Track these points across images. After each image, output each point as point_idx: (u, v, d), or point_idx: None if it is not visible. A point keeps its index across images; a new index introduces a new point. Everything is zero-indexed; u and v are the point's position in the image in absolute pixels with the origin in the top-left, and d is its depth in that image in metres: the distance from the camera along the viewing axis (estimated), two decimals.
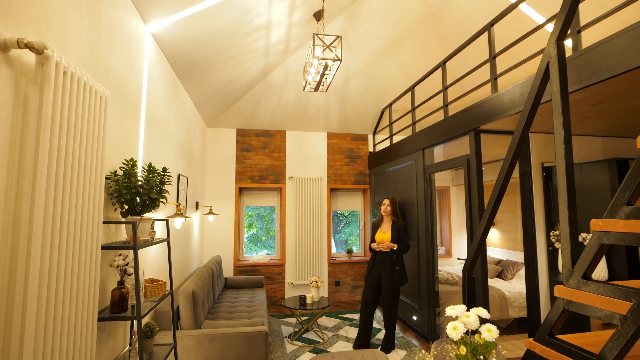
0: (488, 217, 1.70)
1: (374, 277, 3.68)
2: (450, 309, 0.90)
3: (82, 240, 1.45)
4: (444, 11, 4.34)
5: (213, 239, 5.25)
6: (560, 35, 1.33)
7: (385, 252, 3.68)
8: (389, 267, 3.63)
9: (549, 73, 1.35)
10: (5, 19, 1.13)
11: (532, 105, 1.45)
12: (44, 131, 1.20)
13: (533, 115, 1.48)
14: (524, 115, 1.49)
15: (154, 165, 2.06)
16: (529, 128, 1.51)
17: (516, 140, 1.53)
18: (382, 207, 3.89)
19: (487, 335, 0.76)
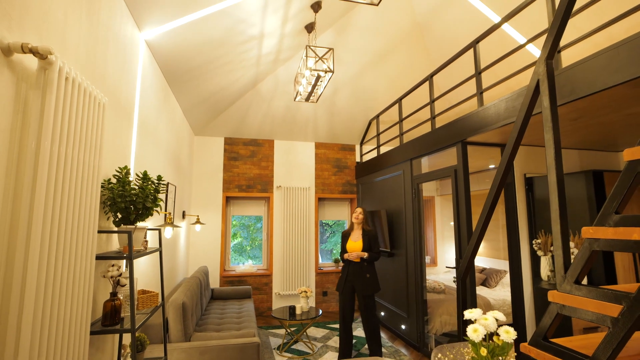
0: (482, 225, 1.76)
1: (348, 287, 3.62)
2: (468, 313, 0.94)
3: (77, 250, 1.41)
4: (430, 27, 4.51)
5: (199, 249, 5.14)
6: (549, 55, 1.42)
7: (358, 262, 3.62)
8: (361, 276, 3.60)
9: (540, 90, 1.44)
10: (8, 23, 1.11)
11: (524, 120, 1.54)
12: (44, 138, 1.17)
13: (524, 129, 1.56)
14: (516, 129, 1.57)
15: (148, 174, 2.03)
16: (521, 141, 1.59)
17: (509, 151, 1.61)
18: (354, 215, 3.82)
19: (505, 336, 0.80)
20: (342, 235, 3.90)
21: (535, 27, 3.51)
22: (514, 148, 1.60)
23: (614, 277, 3.14)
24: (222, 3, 2.70)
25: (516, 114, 2.64)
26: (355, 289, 3.56)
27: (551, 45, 1.41)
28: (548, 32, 1.42)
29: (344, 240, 3.84)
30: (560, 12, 1.37)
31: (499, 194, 1.71)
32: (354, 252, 3.63)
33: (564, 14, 1.36)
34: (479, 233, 1.81)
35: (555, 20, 1.39)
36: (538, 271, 3.54)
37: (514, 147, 1.60)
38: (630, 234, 1.09)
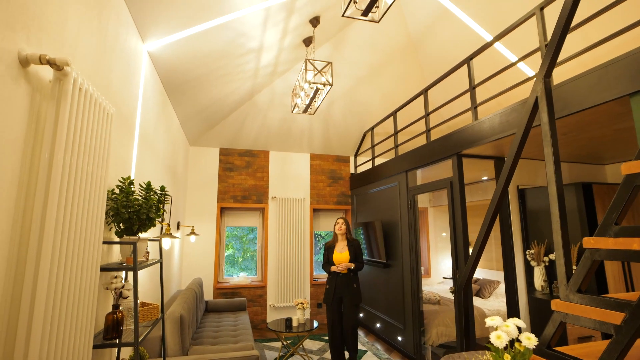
0: (483, 236, 1.80)
1: (337, 298, 3.67)
2: (490, 320, 0.96)
3: (84, 261, 1.39)
4: (423, 43, 4.65)
5: (193, 260, 5.06)
6: (546, 73, 1.49)
7: (345, 274, 3.66)
8: (348, 287, 3.64)
9: (538, 106, 1.51)
10: (27, 35, 1.13)
11: (523, 135, 1.60)
12: (58, 150, 1.17)
13: (524, 143, 1.62)
14: (515, 144, 1.63)
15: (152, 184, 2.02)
16: (520, 155, 1.65)
17: (509, 165, 1.66)
18: (337, 227, 3.86)
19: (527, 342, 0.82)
20: (326, 247, 3.90)
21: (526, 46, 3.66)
22: (513, 162, 1.66)
23: (605, 286, 3.22)
24: (225, 17, 2.75)
25: (510, 128, 2.74)
26: (344, 299, 3.63)
27: (549, 64, 1.48)
28: (546, 51, 1.50)
29: (328, 252, 3.84)
30: (557, 33, 1.45)
31: (499, 207, 1.76)
32: (342, 263, 3.67)
33: (560, 34, 1.44)
34: (480, 245, 1.85)
35: (553, 40, 1.47)
36: (532, 281, 3.61)
37: (514, 161, 1.66)
38: (630, 244, 1.14)
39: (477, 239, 1.87)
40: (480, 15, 3.86)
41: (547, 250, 3.61)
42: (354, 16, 2.32)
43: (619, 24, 2.41)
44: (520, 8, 3.45)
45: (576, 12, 1.42)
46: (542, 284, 3.50)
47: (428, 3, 4.04)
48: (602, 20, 2.44)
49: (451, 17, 4.07)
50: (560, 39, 1.44)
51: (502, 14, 3.67)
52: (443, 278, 5.58)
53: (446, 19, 4.13)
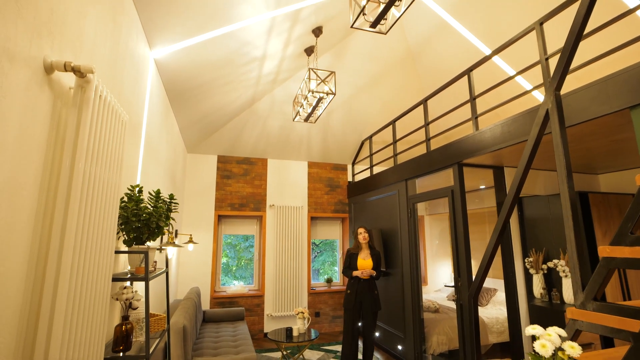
0: (494, 243, 1.83)
1: (357, 304, 3.75)
2: (531, 329, 0.97)
3: (98, 270, 1.36)
4: (422, 54, 4.74)
5: (189, 269, 4.98)
6: (557, 87, 1.54)
7: (367, 279, 3.83)
8: (370, 293, 3.79)
9: (550, 118, 1.55)
10: (52, 42, 1.12)
11: (534, 146, 1.64)
12: (79, 158, 1.15)
13: (534, 154, 1.66)
14: (526, 154, 1.66)
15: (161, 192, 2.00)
16: (530, 166, 1.69)
17: (519, 174, 1.70)
18: (360, 237, 4.02)
19: (571, 351, 0.83)
20: (349, 253, 4.04)
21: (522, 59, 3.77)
22: (524, 173, 1.69)
23: (603, 294, 3.28)
24: (232, 25, 2.77)
25: (512, 138, 2.80)
26: (363, 306, 3.73)
27: (559, 77, 1.53)
28: (556, 64, 1.54)
29: (351, 259, 3.97)
30: (568, 47, 1.50)
31: (509, 216, 1.79)
32: (366, 269, 3.81)
33: (571, 48, 1.49)
34: (490, 254, 1.87)
35: (564, 53, 1.52)
36: (531, 289, 3.65)
37: (524, 172, 1.69)
38: None
39: (487, 248, 1.89)
40: (478, 28, 3.97)
41: (545, 258, 3.66)
42: (362, 27, 2.36)
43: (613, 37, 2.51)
44: (516, 22, 3.56)
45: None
46: (542, 292, 3.54)
47: (427, 15, 4.13)
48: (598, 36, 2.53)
49: (449, 30, 4.16)
50: (571, 53, 1.49)
51: (499, 27, 3.78)
52: (445, 286, 5.59)
53: (445, 31, 4.23)
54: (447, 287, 6.05)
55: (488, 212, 5.78)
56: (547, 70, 2.62)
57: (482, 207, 5.71)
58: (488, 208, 5.55)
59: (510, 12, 3.59)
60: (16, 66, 0.94)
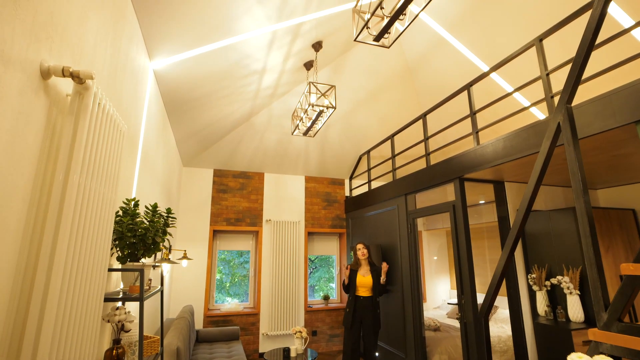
0: (505, 260, 1.76)
1: (356, 322, 3.67)
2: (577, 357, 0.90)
3: (90, 291, 1.26)
4: (419, 69, 4.79)
5: (183, 286, 4.80)
6: (568, 100, 1.52)
7: (367, 297, 3.76)
8: (371, 311, 3.68)
9: (562, 131, 1.52)
10: (50, 46, 1.05)
11: (545, 160, 1.60)
12: (74, 171, 1.07)
13: (546, 167, 1.62)
14: (538, 168, 1.62)
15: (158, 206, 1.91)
16: (542, 180, 1.64)
17: (530, 189, 1.65)
18: (359, 252, 3.98)
19: None
20: (349, 270, 3.93)
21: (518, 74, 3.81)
22: (535, 187, 1.65)
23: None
24: (233, 38, 2.75)
25: (515, 153, 2.78)
26: (363, 324, 3.61)
27: (571, 90, 1.51)
28: (567, 76, 1.53)
29: (351, 275, 3.90)
30: (579, 61, 1.48)
31: (521, 231, 1.73)
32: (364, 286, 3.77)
33: (582, 61, 1.47)
34: (502, 271, 1.80)
35: (575, 66, 1.50)
36: (535, 306, 3.56)
37: (536, 186, 1.64)
38: None
39: (498, 265, 1.83)
40: (475, 45, 4.02)
41: (548, 274, 3.60)
42: (366, 41, 2.35)
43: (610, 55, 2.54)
44: (513, 39, 3.62)
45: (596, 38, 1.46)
46: (546, 309, 3.46)
47: (425, 32, 4.19)
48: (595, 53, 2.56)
49: (447, 46, 4.22)
50: (582, 65, 1.47)
51: (495, 44, 3.83)
52: (448, 304, 5.47)
53: (442, 47, 4.28)
54: (446, 305, 5.93)
55: (486, 228, 5.74)
56: (549, 85, 2.64)
57: (480, 222, 5.66)
58: (486, 223, 5.51)
59: (506, 29, 3.65)
60: (10, 69, 0.87)
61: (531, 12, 3.35)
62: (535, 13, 3.34)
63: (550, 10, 3.20)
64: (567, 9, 2.95)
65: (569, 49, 3.32)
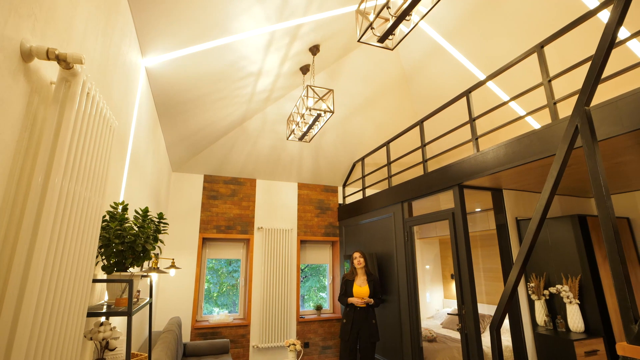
0: (519, 269, 1.68)
1: (354, 333, 3.54)
2: None
3: (70, 305, 1.11)
4: (416, 76, 4.77)
5: (170, 296, 4.58)
6: (586, 102, 1.46)
7: (363, 307, 3.64)
8: (367, 322, 3.60)
9: (580, 132, 1.46)
10: (32, 24, 0.93)
11: (562, 164, 1.54)
12: (56, 171, 0.93)
13: (562, 172, 1.55)
14: (554, 173, 1.56)
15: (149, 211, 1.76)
16: (558, 184, 1.58)
17: (546, 196, 1.58)
18: (356, 261, 3.87)
19: None
20: (345, 279, 3.82)
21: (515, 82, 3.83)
22: (551, 193, 1.58)
23: (609, 322, 3.17)
24: (230, 37, 2.64)
25: (516, 160, 2.73)
26: (360, 336, 3.51)
27: (589, 92, 1.45)
28: (584, 80, 1.47)
29: (347, 285, 3.77)
30: (598, 62, 1.43)
31: (535, 241, 1.66)
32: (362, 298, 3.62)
33: (601, 62, 1.42)
34: (514, 282, 1.72)
35: (593, 68, 1.45)
36: (534, 316, 3.51)
37: (551, 192, 1.58)
38: None
39: (510, 275, 1.74)
40: (471, 52, 4.03)
41: (546, 283, 3.56)
42: (370, 42, 2.28)
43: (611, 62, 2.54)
44: (509, 46, 3.63)
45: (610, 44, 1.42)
46: (545, 319, 3.41)
47: (422, 39, 4.18)
48: None
49: (443, 53, 4.21)
50: (602, 66, 1.42)
51: (492, 52, 3.84)
52: (448, 314, 5.37)
53: (438, 55, 4.27)
54: (440, 314, 5.84)
55: (480, 236, 5.71)
56: (551, 92, 2.61)
57: (473, 230, 5.63)
58: (480, 232, 5.48)
59: (502, 37, 3.66)
60: None
61: (527, 21, 3.37)
62: (532, 22, 3.35)
63: (547, 19, 3.22)
64: (564, 17, 2.97)
65: (566, 57, 3.34)
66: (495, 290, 5.36)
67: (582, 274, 3.29)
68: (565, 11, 3.08)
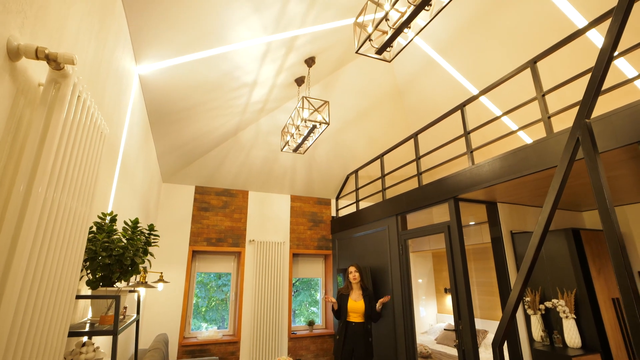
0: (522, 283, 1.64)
1: (348, 350, 3.43)
2: None
3: (50, 324, 1.02)
4: (409, 90, 4.82)
5: (156, 311, 4.40)
6: (587, 115, 1.46)
7: (358, 323, 3.55)
8: (362, 338, 3.49)
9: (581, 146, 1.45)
10: (22, 22, 0.87)
11: (563, 177, 1.52)
12: (40, 179, 0.87)
13: (564, 185, 1.54)
14: (555, 187, 1.54)
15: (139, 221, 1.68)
16: (560, 197, 1.56)
17: (548, 208, 1.56)
18: (351, 276, 3.79)
19: None
20: (339, 294, 3.72)
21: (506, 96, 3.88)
22: (553, 205, 1.56)
23: (605, 337, 3.15)
24: (226, 46, 2.62)
25: (512, 173, 2.74)
26: (355, 353, 3.37)
27: (589, 105, 1.45)
28: (585, 93, 1.48)
29: (341, 300, 3.67)
30: (597, 75, 1.44)
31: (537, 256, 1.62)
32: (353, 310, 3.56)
33: (600, 77, 1.43)
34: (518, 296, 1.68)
35: (592, 83, 1.46)
36: (530, 331, 3.46)
37: (554, 203, 1.56)
38: None
39: (513, 290, 1.70)
40: (464, 67, 4.09)
41: (542, 297, 3.54)
42: (367, 54, 2.28)
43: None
44: (501, 62, 3.70)
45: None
46: (542, 334, 3.36)
47: (416, 53, 4.23)
48: None
49: (437, 68, 4.27)
50: (601, 81, 1.43)
51: (484, 67, 3.91)
52: (444, 330, 5.28)
53: (432, 69, 4.33)
54: (435, 329, 5.76)
55: (473, 249, 5.70)
56: (545, 107, 2.65)
57: (467, 244, 5.62)
58: (473, 245, 5.47)
59: (494, 53, 3.73)
60: None
61: (518, 37, 3.45)
62: (522, 38, 3.43)
63: (537, 36, 3.30)
64: (554, 34, 3.05)
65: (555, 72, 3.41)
66: (489, 304, 5.32)
67: (577, 288, 3.28)
68: (554, 28, 3.16)
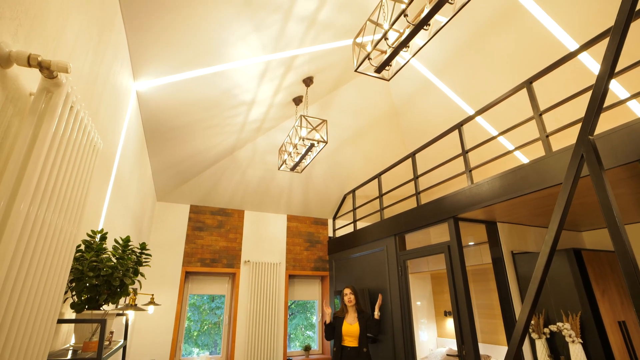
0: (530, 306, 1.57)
1: None
2: None
3: (27, 351, 0.93)
4: (406, 110, 4.87)
5: (146, 336, 4.19)
6: (589, 132, 1.45)
7: (353, 348, 3.40)
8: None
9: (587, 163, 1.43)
10: (15, 29, 0.84)
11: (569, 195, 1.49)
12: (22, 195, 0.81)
13: (570, 203, 1.51)
14: (561, 205, 1.51)
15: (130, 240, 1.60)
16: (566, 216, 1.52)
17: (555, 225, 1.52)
18: (346, 298, 3.64)
19: None
20: (335, 317, 3.59)
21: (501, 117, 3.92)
22: (560, 223, 1.52)
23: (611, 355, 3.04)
24: (225, 65, 2.63)
25: (512, 192, 2.71)
26: None
27: (592, 122, 1.45)
28: (587, 110, 1.47)
29: (336, 322, 3.54)
30: (599, 92, 1.43)
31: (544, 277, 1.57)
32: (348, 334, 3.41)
33: (601, 96, 1.43)
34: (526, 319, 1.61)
35: (594, 100, 1.45)
36: (535, 356, 3.33)
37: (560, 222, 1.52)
38: None
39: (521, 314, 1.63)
40: (459, 87, 4.15)
41: (545, 320, 3.43)
42: (366, 72, 2.29)
43: None
44: (495, 82, 3.76)
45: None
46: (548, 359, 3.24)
47: (412, 74, 4.30)
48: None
49: (433, 89, 4.33)
50: (602, 99, 1.43)
51: (479, 87, 3.97)
52: (447, 355, 5.09)
53: (428, 89, 4.39)
54: (435, 354, 5.55)
55: (472, 271, 5.60)
56: (542, 125, 2.66)
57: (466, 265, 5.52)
58: (473, 266, 5.37)
59: (490, 74, 3.80)
60: None
61: (513, 59, 3.52)
62: (517, 60, 3.50)
63: (532, 57, 3.37)
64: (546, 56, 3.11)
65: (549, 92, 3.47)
66: (491, 328, 5.16)
67: (582, 311, 3.19)
68: (546, 50, 3.23)
